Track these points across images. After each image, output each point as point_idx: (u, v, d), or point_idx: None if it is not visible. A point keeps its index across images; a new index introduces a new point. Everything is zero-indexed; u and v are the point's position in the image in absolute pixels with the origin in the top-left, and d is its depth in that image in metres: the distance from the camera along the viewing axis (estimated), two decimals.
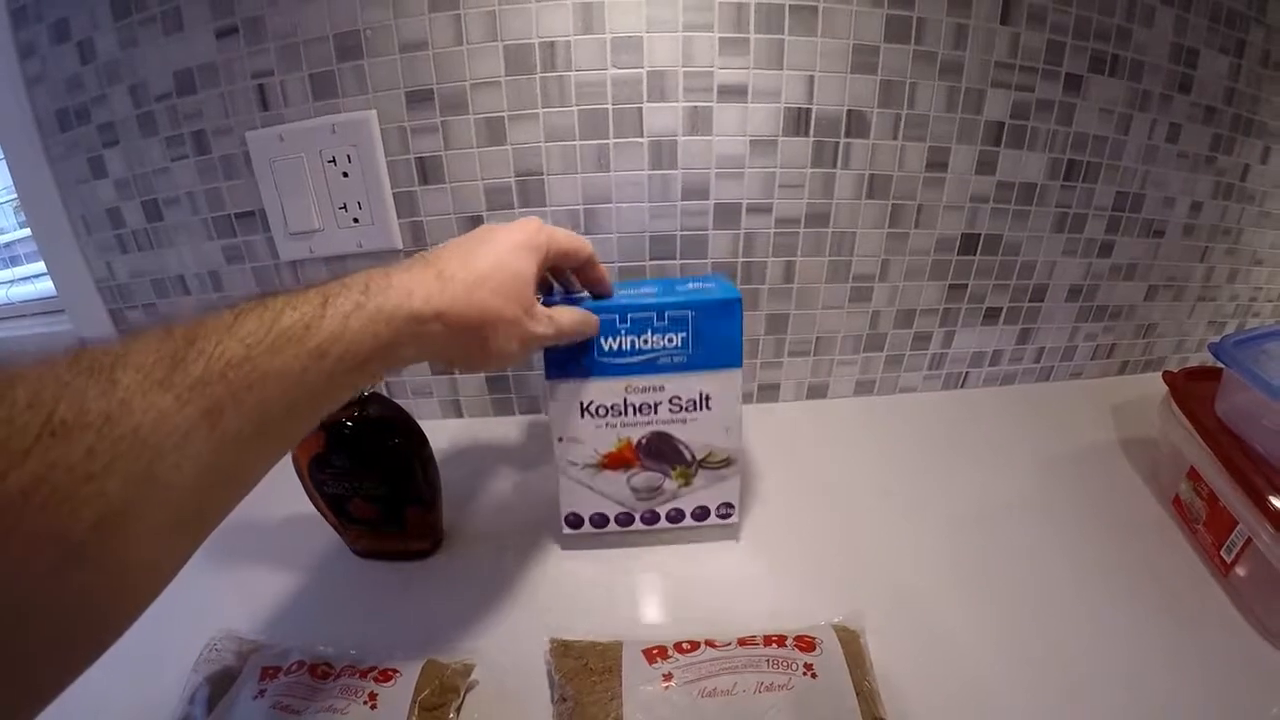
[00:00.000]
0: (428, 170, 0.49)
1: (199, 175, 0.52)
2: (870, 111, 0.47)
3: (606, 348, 0.39)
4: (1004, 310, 0.57)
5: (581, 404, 0.40)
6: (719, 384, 0.40)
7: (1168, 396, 0.46)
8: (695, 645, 0.35)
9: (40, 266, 0.68)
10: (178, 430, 0.19)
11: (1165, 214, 0.56)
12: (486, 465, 0.53)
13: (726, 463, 0.42)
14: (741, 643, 0.36)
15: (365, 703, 0.34)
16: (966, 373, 0.60)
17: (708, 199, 0.49)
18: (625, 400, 0.40)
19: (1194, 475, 0.43)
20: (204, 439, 0.20)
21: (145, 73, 0.49)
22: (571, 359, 0.39)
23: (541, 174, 0.48)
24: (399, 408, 0.42)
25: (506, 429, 0.58)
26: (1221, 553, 0.41)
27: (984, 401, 0.59)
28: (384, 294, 0.27)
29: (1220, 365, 0.42)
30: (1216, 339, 0.43)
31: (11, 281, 0.68)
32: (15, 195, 0.64)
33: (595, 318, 0.37)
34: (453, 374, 0.58)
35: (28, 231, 0.68)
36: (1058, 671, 0.36)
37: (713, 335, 0.39)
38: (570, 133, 0.47)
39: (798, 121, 0.47)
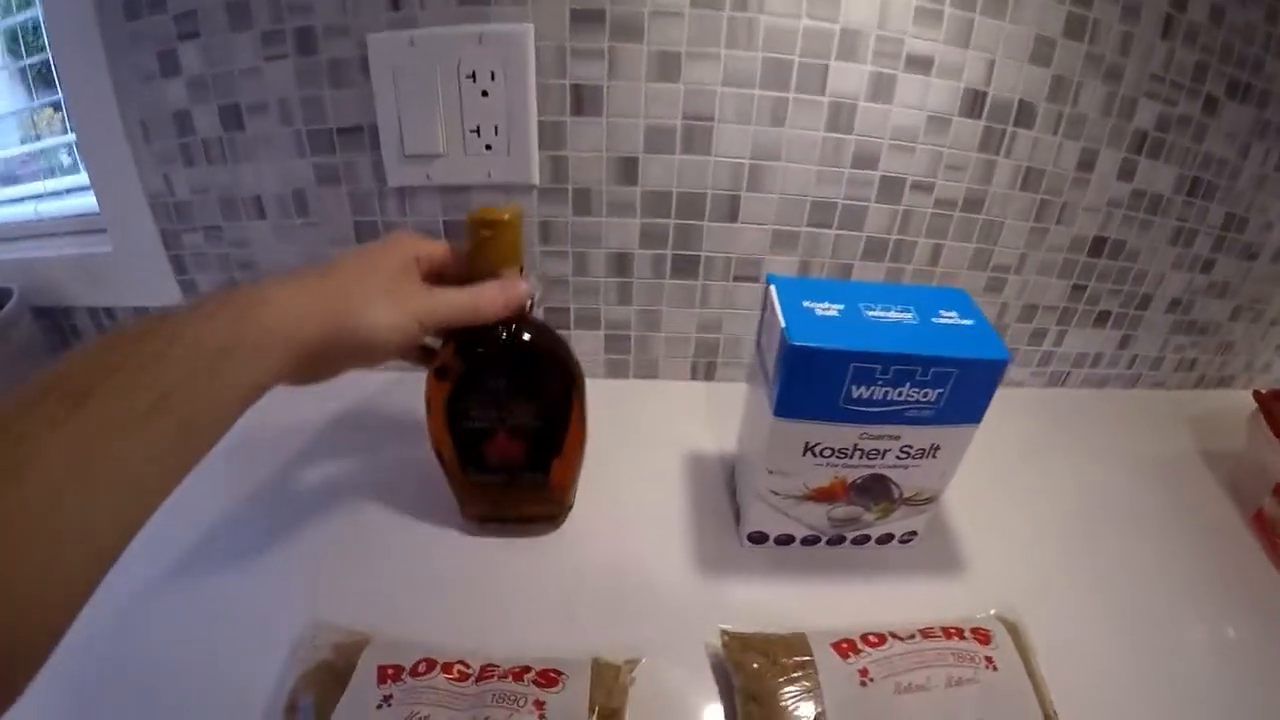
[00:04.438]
0: (584, 100, 0.50)
1: (297, 79, 0.51)
2: (1038, 104, 0.52)
3: (855, 395, 0.38)
4: (1113, 315, 0.64)
5: (807, 443, 0.40)
6: (953, 437, 0.40)
7: (1257, 413, 0.53)
8: (882, 639, 0.37)
9: (75, 180, 0.64)
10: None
11: (1263, 238, 0.64)
12: (605, 433, 0.48)
13: (929, 500, 0.44)
14: (924, 635, 0.37)
15: (532, 712, 0.31)
16: (1069, 372, 0.67)
17: (876, 169, 0.53)
18: (856, 446, 0.40)
19: None
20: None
21: None
22: (810, 399, 0.38)
23: (712, 120, 0.50)
24: (556, 334, 0.41)
25: (623, 393, 0.59)
26: None
27: (1080, 402, 0.66)
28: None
29: None
30: None
31: (41, 195, 0.64)
32: (59, 96, 0.59)
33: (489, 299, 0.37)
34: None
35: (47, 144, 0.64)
36: (1158, 652, 0.42)
37: (967, 393, 0.38)
38: (750, 80, 0.49)
39: (974, 103, 0.51)
